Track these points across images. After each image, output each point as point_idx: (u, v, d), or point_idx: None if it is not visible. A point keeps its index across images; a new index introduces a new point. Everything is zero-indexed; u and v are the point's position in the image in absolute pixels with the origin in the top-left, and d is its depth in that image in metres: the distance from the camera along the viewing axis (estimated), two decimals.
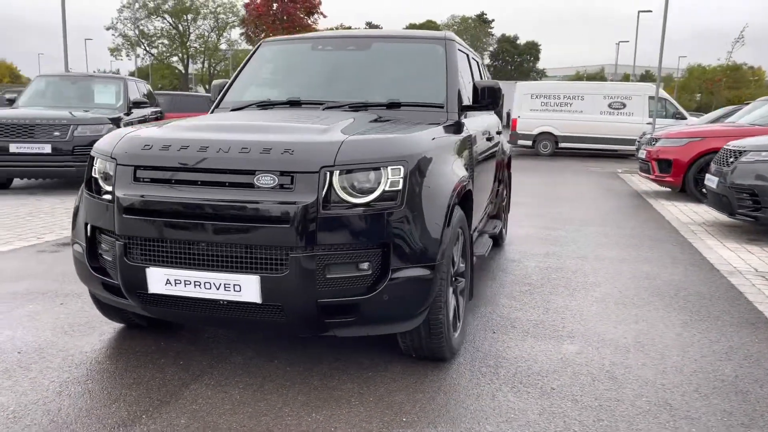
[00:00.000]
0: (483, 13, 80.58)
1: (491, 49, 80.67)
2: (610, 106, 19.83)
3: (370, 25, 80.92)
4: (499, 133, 5.60)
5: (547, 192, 10.59)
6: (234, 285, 2.69)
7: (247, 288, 2.68)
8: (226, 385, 2.95)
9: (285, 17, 45.05)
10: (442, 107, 3.91)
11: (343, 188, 2.72)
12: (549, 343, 3.56)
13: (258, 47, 4.61)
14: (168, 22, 59.29)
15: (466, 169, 3.67)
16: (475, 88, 4.02)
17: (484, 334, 3.68)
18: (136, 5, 58.23)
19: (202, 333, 3.59)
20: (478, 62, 5.53)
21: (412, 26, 77.75)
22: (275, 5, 44.42)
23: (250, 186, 2.70)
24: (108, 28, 57.46)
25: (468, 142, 3.83)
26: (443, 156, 3.18)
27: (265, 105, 4.04)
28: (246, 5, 48.38)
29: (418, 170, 2.87)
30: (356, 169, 2.74)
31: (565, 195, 10.24)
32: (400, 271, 2.78)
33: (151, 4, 59.62)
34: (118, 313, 3.45)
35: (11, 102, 10.55)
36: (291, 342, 3.46)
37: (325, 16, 45.28)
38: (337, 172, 2.71)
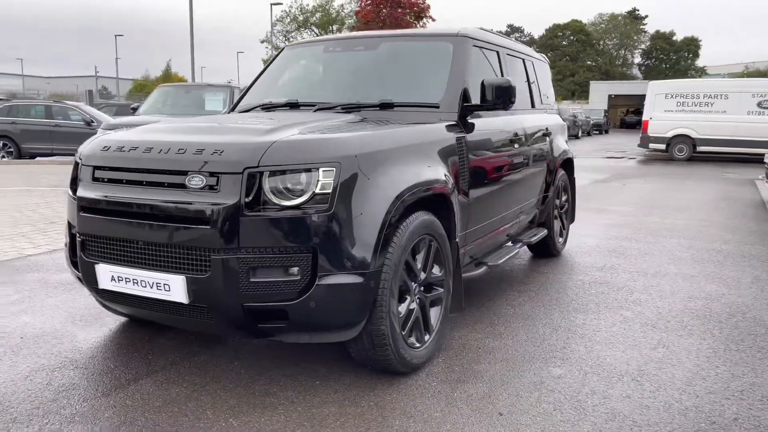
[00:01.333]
0: (635, 9, 75.92)
1: (643, 47, 75.77)
2: (759, 105, 17.81)
3: (511, 28, 79.38)
4: (546, 134, 5.21)
5: (654, 200, 9.71)
6: (164, 284, 2.73)
7: (175, 288, 2.71)
8: (172, 382, 3.00)
9: (393, 22, 45.32)
10: (437, 107, 3.70)
11: (273, 190, 2.66)
12: (533, 364, 3.24)
13: (281, 51, 4.67)
14: (315, 33, 62.29)
15: (453, 172, 3.44)
16: (483, 87, 3.77)
17: (462, 351, 3.43)
18: (287, 19, 62.00)
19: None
20: (528, 60, 5.19)
21: (556, 26, 75.14)
22: (384, 11, 44.81)
23: (182, 187, 2.73)
24: (262, 41, 61.56)
25: (462, 144, 3.58)
26: (397, 157, 3.00)
27: (267, 107, 4.07)
28: (356, 12, 49.40)
29: (354, 172, 2.73)
30: (286, 171, 2.66)
31: (674, 203, 9.33)
32: (327, 277, 2.67)
33: (301, 18, 63.13)
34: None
35: (134, 110, 11.60)
36: (272, 346, 3.44)
37: (433, 20, 44.90)
38: (267, 173, 2.65)
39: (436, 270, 3.32)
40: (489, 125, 4.06)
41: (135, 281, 2.81)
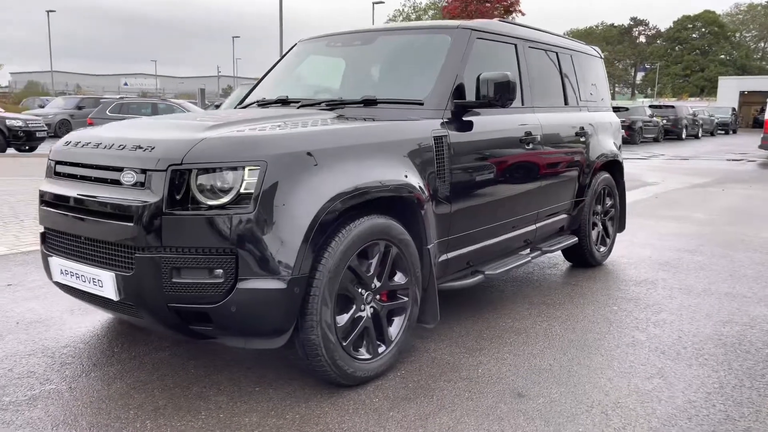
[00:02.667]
0: None
1: None
2: None
3: (635, 21, 75.17)
4: (581, 134, 4.77)
5: (748, 208, 8.73)
6: (98, 280, 2.74)
7: (107, 284, 2.70)
8: (120, 377, 3.01)
9: (480, 17, 43.81)
10: (421, 104, 3.46)
11: (200, 188, 2.58)
12: (497, 386, 2.95)
13: (294, 45, 4.60)
14: None
15: (426, 175, 3.20)
16: (478, 82, 3.49)
17: (427, 366, 3.19)
18: (400, 18, 62.52)
19: None
20: (564, 54, 4.79)
21: (685, 18, 70.23)
22: (471, 6, 43.38)
23: (119, 183, 2.71)
24: None
25: (442, 145, 3.33)
26: (344, 157, 2.82)
27: (262, 103, 4.02)
28: (443, 8, 48.32)
29: (281, 172, 2.59)
30: (211, 169, 2.58)
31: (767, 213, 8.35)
32: (248, 281, 2.55)
33: (414, 16, 63.48)
34: None
35: (217, 107, 12.06)
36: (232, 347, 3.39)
37: (523, 14, 42.92)
38: (196, 171, 2.57)
39: (399, 277, 3.10)
40: (490, 124, 3.75)
41: (77, 275, 2.84)
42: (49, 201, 2.99)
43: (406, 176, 3.06)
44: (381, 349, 3.02)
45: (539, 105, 4.34)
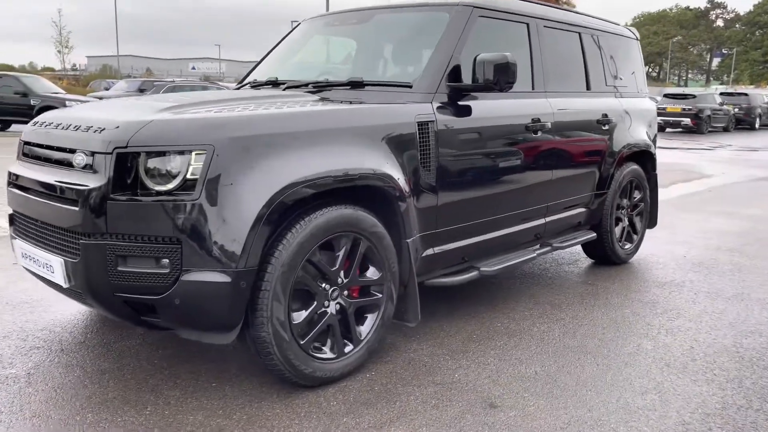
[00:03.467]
0: None
1: None
2: None
3: (712, 4, 71.40)
4: (603, 122, 4.40)
5: None
6: (49, 265, 2.65)
7: (57, 270, 2.61)
8: (80, 365, 2.94)
9: None
10: (409, 87, 3.22)
11: (148, 173, 2.45)
12: (467, 396, 2.72)
13: (298, 24, 4.41)
14: None
15: (407, 163, 2.98)
16: (474, 64, 3.22)
17: (401, 368, 2.98)
18: None
19: None
20: (588, 34, 4.43)
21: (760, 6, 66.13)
22: None
23: (70, 165, 2.61)
24: None
25: (427, 131, 3.08)
26: (304, 142, 2.62)
27: (254, 85, 3.86)
28: None
29: (229, 157, 2.42)
30: (158, 153, 2.44)
31: None
32: (191, 273, 2.40)
33: None
34: None
35: None
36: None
37: (573, 6, 41.01)
38: (144, 155, 2.44)
39: (371, 272, 2.90)
40: (490, 110, 3.48)
41: (33, 259, 2.77)
42: (14, 183, 2.93)
43: (381, 165, 2.84)
44: (348, 349, 2.83)
45: (554, 90, 4.01)
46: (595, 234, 4.48)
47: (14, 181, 2.92)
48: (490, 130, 3.48)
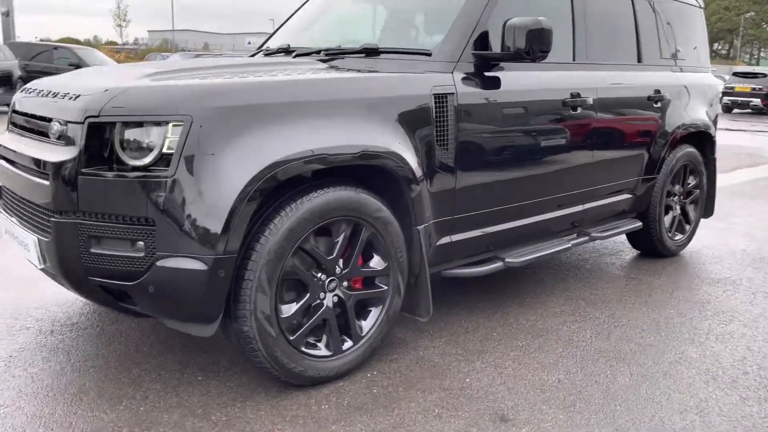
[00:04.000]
0: None
1: None
2: None
3: None
4: (655, 99, 3.94)
5: None
6: (26, 243, 2.46)
7: (31, 248, 2.42)
8: (65, 350, 2.76)
9: None
10: (428, 55, 2.88)
11: (123, 146, 2.21)
12: (474, 405, 2.41)
13: None
14: None
15: (420, 141, 2.65)
16: (503, 30, 2.86)
17: (407, 369, 2.68)
18: None
19: None
20: (642, 2, 3.97)
21: None
22: None
23: (46, 135, 2.40)
24: None
25: (444, 105, 2.74)
26: (298, 114, 2.33)
27: (267, 52, 3.58)
28: None
29: (210, 130, 2.15)
30: (133, 123, 2.19)
31: None
32: (166, 259, 2.16)
33: None
34: None
35: None
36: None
37: None
38: (119, 125, 2.20)
39: (376, 262, 2.60)
40: (521, 82, 3.10)
41: (13, 235, 2.60)
42: (0, 154, 2.75)
43: (388, 141, 2.52)
44: (346, 346, 2.56)
45: (598, 61, 3.59)
46: (640, 223, 4.05)
47: (1, 152, 2.75)
48: (521, 105, 3.10)
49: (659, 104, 3.99)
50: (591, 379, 2.62)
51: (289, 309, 2.37)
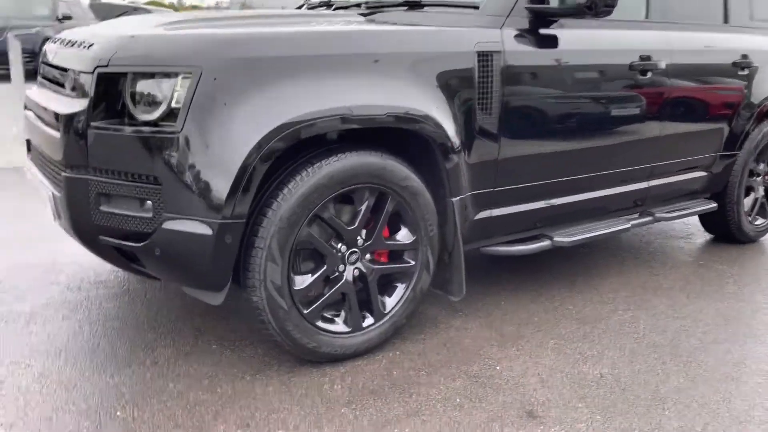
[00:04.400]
0: None
1: None
2: None
3: None
4: (741, 65, 3.49)
5: None
6: (43, 197, 2.40)
7: (47, 204, 2.35)
8: (84, 309, 2.72)
9: None
10: (476, 8, 2.60)
11: (134, 98, 2.08)
12: (492, 397, 2.18)
13: None
14: None
15: (461, 103, 2.40)
16: None
17: (431, 352, 2.48)
18: None
19: None
20: None
21: None
22: None
23: (62, 86, 2.31)
24: None
25: (488, 65, 2.46)
26: (321, 69, 2.12)
27: (310, 5, 3.38)
28: None
29: (221, 83, 1.98)
30: (143, 74, 2.06)
31: None
32: (172, 221, 2.03)
33: None
34: None
35: None
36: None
37: None
38: (130, 75, 2.07)
39: (403, 235, 2.40)
40: (583, 42, 2.78)
41: (36, 189, 2.54)
42: (27, 106, 2.69)
43: (421, 103, 2.28)
44: (367, 323, 2.38)
45: (675, 20, 3.19)
46: (715, 204, 3.64)
47: (26, 104, 2.69)
48: (580, 68, 2.79)
49: (746, 71, 3.53)
50: (638, 377, 2.34)
51: (303, 280, 2.21)
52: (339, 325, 2.33)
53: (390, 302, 2.43)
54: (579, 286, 3.17)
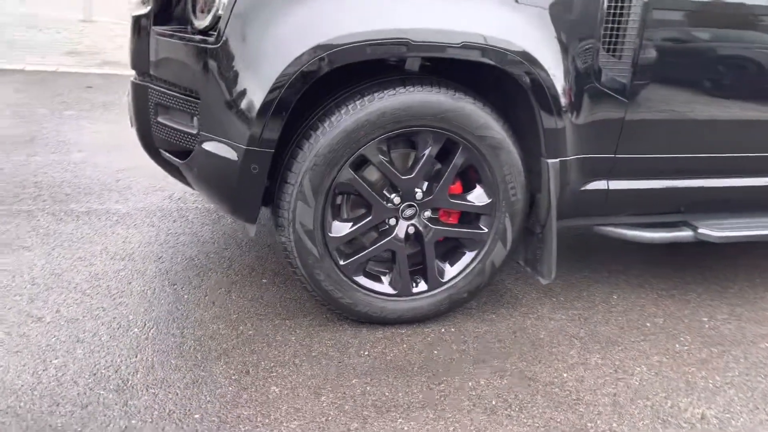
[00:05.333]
0: None
1: None
2: None
3: None
4: None
5: None
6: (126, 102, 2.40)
7: (126, 109, 2.34)
8: (172, 219, 2.74)
9: None
10: None
11: (194, 3, 1.94)
12: (549, 411, 1.76)
13: None
14: None
15: (570, 42, 1.90)
16: None
17: (500, 340, 2.09)
18: None
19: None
20: None
21: None
22: None
23: None
24: None
25: None
26: None
27: None
28: None
29: None
30: None
31: None
32: (207, 141, 1.88)
33: None
34: None
35: None
36: None
37: None
38: None
39: (476, 195, 2.01)
40: None
41: None
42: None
43: (510, 33, 1.82)
44: (419, 289, 2.06)
45: None
46: None
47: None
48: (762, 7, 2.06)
49: None
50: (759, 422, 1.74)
51: (341, 228, 1.94)
52: (383, 285, 2.04)
53: (451, 271, 2.07)
54: (731, 294, 2.49)
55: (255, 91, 1.74)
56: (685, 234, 2.27)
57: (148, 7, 2.00)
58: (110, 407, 1.62)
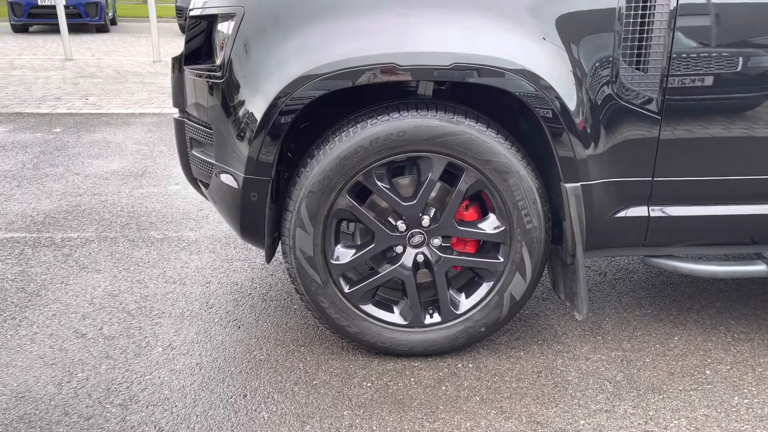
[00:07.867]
0: None
1: None
2: None
3: None
4: None
5: None
6: None
7: None
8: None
9: None
10: None
11: (214, 41, 2.08)
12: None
13: None
14: None
15: (583, 53, 1.75)
16: None
17: (520, 378, 1.94)
18: None
19: None
20: None
21: None
22: None
23: None
24: None
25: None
26: (379, 7, 1.74)
27: None
28: None
29: (266, 24, 1.80)
30: (216, 16, 2.00)
31: None
32: (220, 170, 1.98)
33: None
34: None
35: None
36: None
37: None
38: (218, 18, 2.03)
39: (488, 223, 1.90)
40: None
41: None
42: None
43: (507, 50, 1.71)
44: (432, 320, 1.97)
45: None
46: None
47: None
48: None
49: None
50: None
51: (344, 255, 1.92)
52: (393, 315, 1.98)
53: (466, 303, 1.96)
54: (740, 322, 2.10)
55: (249, 123, 1.80)
56: (758, 268, 1.97)
57: (181, 51, 2.14)
58: (109, 420, 1.72)
